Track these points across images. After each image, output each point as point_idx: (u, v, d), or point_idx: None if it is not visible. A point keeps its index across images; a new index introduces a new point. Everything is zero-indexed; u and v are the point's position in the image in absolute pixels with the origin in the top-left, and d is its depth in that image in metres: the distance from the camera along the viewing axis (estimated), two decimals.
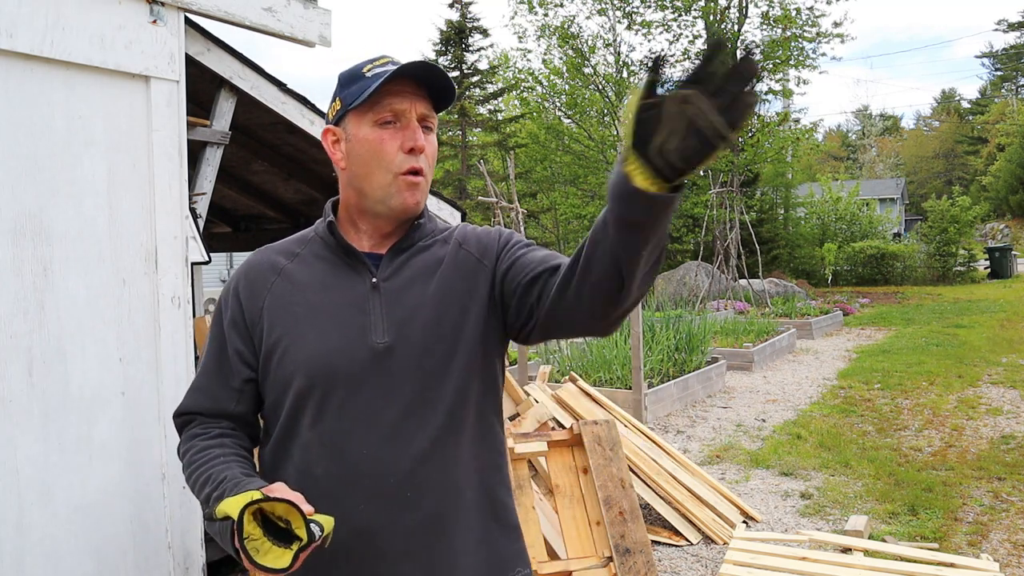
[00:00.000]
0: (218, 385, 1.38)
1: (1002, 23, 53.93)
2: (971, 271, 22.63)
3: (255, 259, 1.43)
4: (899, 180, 45.71)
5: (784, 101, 24.04)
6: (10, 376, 2.38)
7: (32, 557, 2.43)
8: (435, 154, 1.37)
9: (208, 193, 3.44)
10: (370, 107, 1.32)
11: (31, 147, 2.44)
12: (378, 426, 1.28)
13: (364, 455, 1.27)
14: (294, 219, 6.54)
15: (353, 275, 1.35)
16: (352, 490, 1.27)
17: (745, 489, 5.00)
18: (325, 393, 1.29)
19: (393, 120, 1.32)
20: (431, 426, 1.30)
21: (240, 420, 1.39)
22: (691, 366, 8.03)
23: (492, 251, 1.39)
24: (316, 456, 1.29)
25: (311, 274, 1.36)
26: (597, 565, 3.07)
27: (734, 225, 14.77)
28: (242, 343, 1.37)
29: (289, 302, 1.34)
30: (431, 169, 1.36)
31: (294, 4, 3.21)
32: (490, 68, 21.98)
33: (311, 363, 1.29)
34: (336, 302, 1.33)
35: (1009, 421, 6.51)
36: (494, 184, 9.07)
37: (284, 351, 1.32)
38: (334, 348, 1.29)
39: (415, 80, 1.32)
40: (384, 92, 1.30)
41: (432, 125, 1.36)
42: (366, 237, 1.38)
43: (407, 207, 1.33)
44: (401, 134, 1.32)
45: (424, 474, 1.28)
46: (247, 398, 1.38)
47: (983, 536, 4.11)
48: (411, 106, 1.32)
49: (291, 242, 1.44)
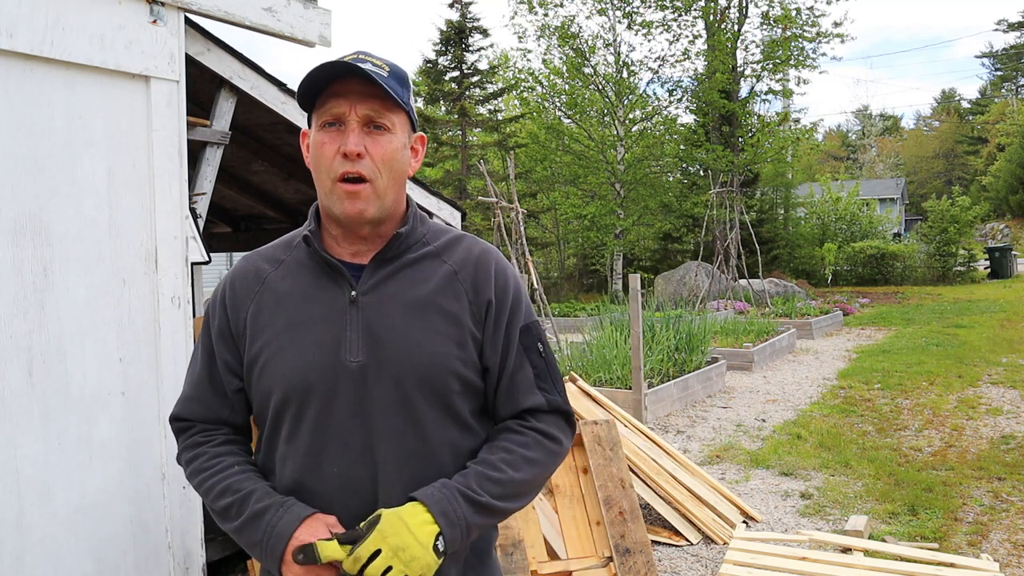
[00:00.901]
0: (211, 394, 1.38)
1: (1002, 23, 53.94)
2: (971, 271, 22.64)
3: (241, 267, 1.41)
4: (899, 180, 45.72)
5: (784, 101, 24.10)
6: (10, 376, 2.38)
7: (32, 557, 2.43)
8: (391, 155, 1.28)
9: (208, 193, 3.44)
10: (317, 109, 1.29)
11: (31, 147, 2.44)
12: (350, 446, 1.27)
13: (335, 473, 1.27)
14: (294, 219, 6.54)
15: (333, 287, 1.31)
16: (327, 507, 1.28)
17: (745, 489, 5.00)
18: (300, 408, 1.28)
19: (335, 122, 1.27)
20: (403, 452, 1.27)
21: (237, 427, 1.41)
22: (691, 366, 8.03)
23: (490, 308, 1.33)
24: (293, 469, 1.30)
25: (293, 284, 1.34)
26: (597, 565, 3.07)
27: (734, 225, 14.77)
28: (229, 354, 1.37)
29: (271, 313, 1.33)
30: (386, 171, 1.28)
31: (294, 4, 3.21)
32: (490, 68, 21.95)
33: (288, 378, 1.28)
34: (314, 316, 1.30)
35: (1009, 421, 6.51)
36: (494, 184, 9.07)
37: (264, 364, 1.31)
38: (310, 363, 1.27)
39: (362, 77, 1.24)
40: (328, 93, 1.26)
41: (385, 124, 1.28)
42: (345, 244, 1.34)
43: (348, 215, 1.27)
44: (340, 137, 1.26)
45: (386, 499, 1.26)
46: (240, 406, 1.39)
47: (983, 536, 4.11)
48: (350, 108, 1.25)
49: (277, 247, 1.42)
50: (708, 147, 20.03)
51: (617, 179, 20.00)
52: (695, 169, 22.51)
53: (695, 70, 21.16)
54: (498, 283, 1.35)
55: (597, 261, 22.77)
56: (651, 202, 20.49)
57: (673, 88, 21.38)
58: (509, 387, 1.34)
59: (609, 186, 20.18)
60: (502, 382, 1.34)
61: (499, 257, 1.40)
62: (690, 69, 21.61)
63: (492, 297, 1.33)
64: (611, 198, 20.02)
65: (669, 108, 21.23)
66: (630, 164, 20.19)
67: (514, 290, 1.37)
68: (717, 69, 19.75)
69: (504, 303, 1.34)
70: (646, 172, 20.51)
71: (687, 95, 20.99)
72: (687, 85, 21.26)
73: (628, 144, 20.44)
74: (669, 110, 21.23)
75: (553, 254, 24.23)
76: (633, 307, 6.32)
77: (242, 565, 3.76)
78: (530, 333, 1.37)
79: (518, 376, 1.34)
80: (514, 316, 1.35)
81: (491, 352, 1.33)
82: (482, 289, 1.33)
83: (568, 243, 23.51)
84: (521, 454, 1.30)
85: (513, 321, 1.35)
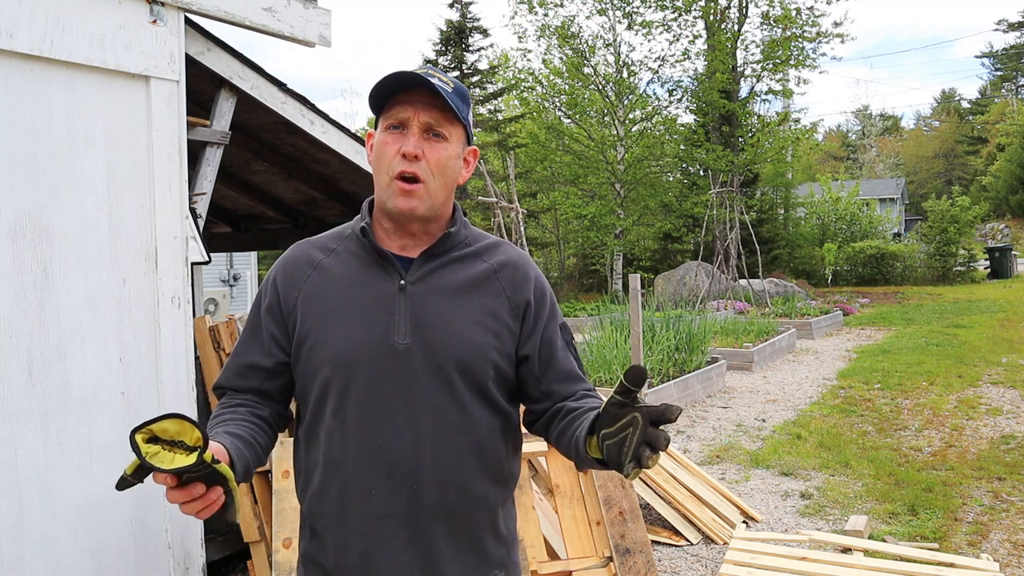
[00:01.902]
0: (248, 365, 1.47)
1: (1002, 23, 53.94)
2: (971, 271, 22.63)
3: (294, 252, 1.51)
4: (899, 180, 45.69)
5: (784, 101, 24.10)
6: (10, 376, 2.38)
7: (32, 557, 2.43)
8: (445, 161, 1.40)
9: (208, 193, 3.44)
10: (384, 113, 1.41)
11: (31, 147, 2.44)
12: (394, 420, 1.37)
13: (379, 445, 1.37)
14: (294, 219, 6.53)
15: (383, 275, 1.42)
16: (368, 475, 1.37)
17: (745, 489, 5.00)
18: (347, 384, 1.37)
19: (399, 126, 1.39)
20: (444, 427, 1.38)
21: (266, 395, 1.48)
22: (691, 366, 8.03)
23: (528, 307, 1.46)
24: (338, 442, 1.39)
25: (344, 271, 1.44)
26: (597, 565, 3.07)
27: (734, 225, 14.78)
28: (277, 328, 1.46)
29: (322, 296, 1.43)
30: (439, 176, 1.39)
31: (294, 4, 3.21)
32: (490, 68, 21.96)
33: (337, 356, 1.38)
34: (364, 300, 1.40)
35: (1009, 421, 6.51)
36: (494, 184, 9.07)
37: (314, 342, 1.40)
38: (359, 344, 1.38)
39: (428, 89, 1.37)
40: (396, 100, 1.38)
41: (443, 133, 1.39)
42: (395, 238, 1.45)
43: (400, 210, 1.39)
44: (401, 140, 1.38)
45: (432, 470, 1.37)
46: (277, 378, 1.47)
47: (983, 536, 4.11)
48: (414, 114, 1.37)
49: (329, 237, 1.52)
50: (708, 147, 20.02)
51: (617, 179, 20.00)
52: (695, 169, 22.51)
53: (695, 70, 21.17)
54: (536, 287, 1.50)
55: (597, 261, 22.78)
56: (651, 202, 20.49)
57: (673, 88, 21.40)
58: (559, 374, 1.47)
59: (609, 186, 20.18)
60: (551, 371, 1.47)
61: (533, 263, 1.55)
62: (690, 69, 21.64)
63: (531, 298, 1.47)
64: (611, 198, 20.02)
65: (669, 108, 21.26)
66: (630, 164, 20.18)
67: (549, 294, 1.53)
68: (717, 69, 19.75)
69: (543, 303, 1.49)
70: (646, 172, 20.51)
71: (687, 95, 21.00)
72: (687, 85, 21.29)
73: (628, 144, 20.44)
74: (669, 110, 21.26)
75: (553, 254, 24.23)
76: (633, 307, 6.32)
77: (242, 565, 3.76)
78: (566, 330, 1.54)
79: (568, 364, 1.48)
80: (552, 315, 1.51)
81: (531, 345, 1.46)
82: (520, 289, 1.47)
83: (568, 243, 23.51)
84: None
85: (552, 319, 1.50)
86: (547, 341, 1.47)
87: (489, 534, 1.44)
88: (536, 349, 1.46)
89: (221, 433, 1.33)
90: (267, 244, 7.10)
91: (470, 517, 1.41)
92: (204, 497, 1.12)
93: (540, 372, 1.46)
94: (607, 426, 1.17)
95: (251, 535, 3.38)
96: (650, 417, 1.12)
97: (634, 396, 1.14)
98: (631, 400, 1.15)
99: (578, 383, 1.48)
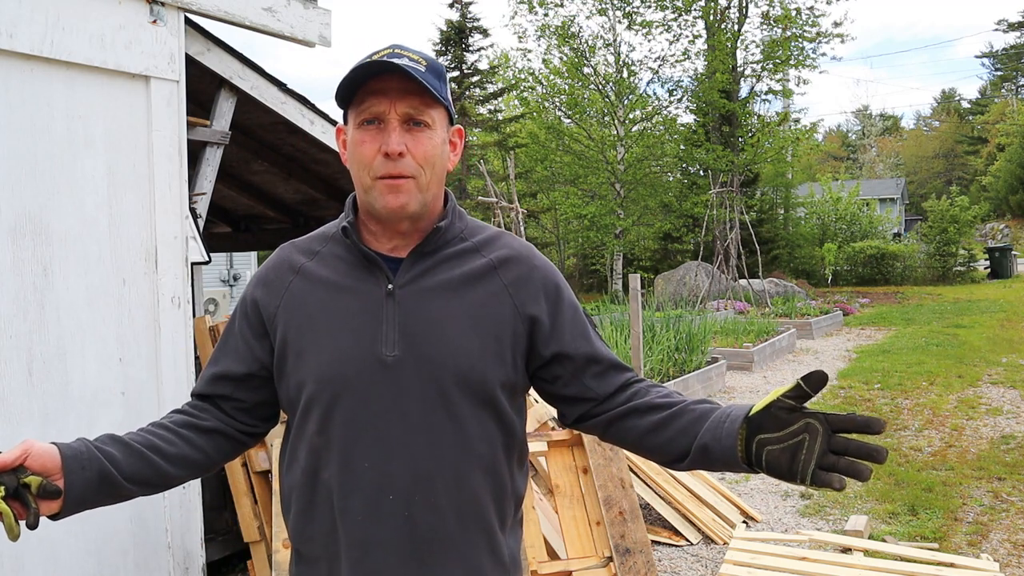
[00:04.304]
0: (215, 374, 1.38)
1: (1002, 23, 53.88)
2: (971, 271, 22.62)
3: (276, 257, 1.40)
4: (899, 180, 45.68)
5: (784, 101, 24.08)
6: (10, 376, 2.38)
7: (32, 557, 2.43)
8: (432, 151, 1.26)
9: (208, 193, 3.44)
10: (355, 107, 1.26)
11: (31, 147, 2.44)
12: (384, 441, 1.24)
13: (366, 468, 1.24)
14: (294, 219, 6.53)
15: (370, 279, 1.29)
16: (353, 500, 1.25)
17: (745, 489, 5.00)
18: (333, 400, 1.26)
19: (374, 120, 1.24)
20: (439, 448, 1.25)
21: (235, 406, 1.38)
22: (691, 366, 8.03)
23: (540, 306, 1.32)
24: (323, 461, 1.27)
25: (328, 275, 1.32)
26: (597, 565, 3.07)
27: (734, 225, 14.78)
28: (254, 338, 1.35)
29: (305, 303, 1.31)
30: (427, 166, 1.26)
31: (294, 4, 3.21)
32: (490, 68, 21.97)
33: (321, 369, 1.26)
34: (351, 307, 1.28)
35: (1009, 421, 6.51)
36: (494, 184, 9.07)
37: (298, 354, 1.29)
38: (344, 356, 1.26)
39: (401, 74, 1.21)
40: (366, 90, 1.24)
41: (425, 120, 1.25)
42: (383, 237, 1.32)
43: (390, 209, 1.25)
44: (380, 136, 1.24)
45: (424, 496, 1.24)
46: (249, 389, 1.36)
47: (983, 536, 4.11)
48: (390, 105, 1.23)
49: (313, 239, 1.40)
50: (708, 147, 20.01)
51: (617, 179, 19.99)
52: (695, 169, 22.49)
53: (695, 70, 21.16)
54: (548, 280, 1.35)
55: (597, 261, 22.77)
56: (651, 202, 20.48)
57: (673, 88, 21.38)
58: (602, 366, 1.34)
59: (609, 186, 20.18)
60: (593, 364, 1.33)
61: (537, 252, 1.39)
62: (690, 69, 21.62)
63: (542, 294, 1.33)
64: (611, 198, 20.01)
65: (669, 108, 21.23)
66: (630, 164, 20.18)
67: (562, 282, 1.37)
68: (717, 69, 19.74)
69: (560, 296, 1.35)
70: (646, 172, 20.50)
71: (687, 95, 20.99)
72: (687, 85, 21.27)
73: (628, 144, 20.43)
74: (669, 110, 21.23)
75: (553, 254, 24.23)
76: (633, 307, 6.32)
77: (242, 565, 3.76)
78: (588, 316, 1.39)
79: (608, 354, 1.35)
80: (572, 304, 1.36)
81: (557, 342, 1.32)
82: (525, 284, 1.32)
83: (568, 243, 23.50)
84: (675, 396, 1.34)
85: (573, 308, 1.36)
86: (578, 335, 1.33)
87: (489, 561, 1.30)
88: (565, 345, 1.32)
89: (109, 437, 1.27)
90: (267, 244, 7.09)
91: (469, 543, 1.27)
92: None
93: (580, 367, 1.32)
94: (771, 431, 1.10)
95: (251, 535, 3.38)
96: (832, 425, 1.05)
97: (804, 401, 1.08)
98: (802, 405, 1.08)
99: (624, 371, 1.35)
